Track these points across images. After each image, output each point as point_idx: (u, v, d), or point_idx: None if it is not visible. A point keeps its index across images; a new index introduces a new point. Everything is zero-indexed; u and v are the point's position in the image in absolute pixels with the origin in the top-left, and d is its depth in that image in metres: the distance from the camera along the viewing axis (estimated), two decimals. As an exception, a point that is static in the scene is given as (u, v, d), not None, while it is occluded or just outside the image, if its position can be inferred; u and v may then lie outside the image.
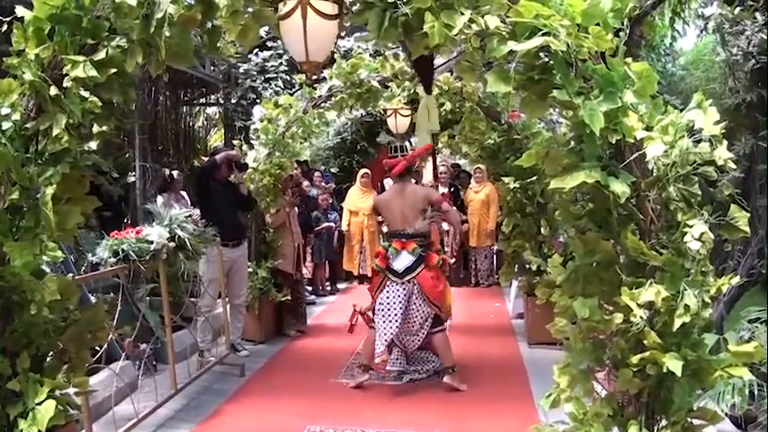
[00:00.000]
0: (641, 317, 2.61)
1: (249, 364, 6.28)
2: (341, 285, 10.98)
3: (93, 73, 2.92)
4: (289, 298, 7.39)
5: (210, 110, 13.88)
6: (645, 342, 2.69)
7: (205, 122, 14.28)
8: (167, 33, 2.99)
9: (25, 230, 3.10)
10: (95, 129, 3.28)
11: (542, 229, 6.71)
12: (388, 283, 5.44)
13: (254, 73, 10.96)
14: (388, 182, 11.01)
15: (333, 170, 11.79)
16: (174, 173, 8.34)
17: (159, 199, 7.46)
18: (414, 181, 5.98)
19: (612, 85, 2.68)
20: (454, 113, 7.04)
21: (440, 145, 12.06)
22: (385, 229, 10.60)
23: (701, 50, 7.97)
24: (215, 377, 5.93)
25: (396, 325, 5.36)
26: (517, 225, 6.94)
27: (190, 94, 12.54)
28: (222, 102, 11.64)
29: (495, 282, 10.39)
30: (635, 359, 2.65)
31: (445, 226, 10.77)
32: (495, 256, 10.97)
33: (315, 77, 4.37)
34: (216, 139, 14.02)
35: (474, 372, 5.88)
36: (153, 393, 4.97)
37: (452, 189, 10.96)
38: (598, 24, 2.71)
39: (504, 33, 2.73)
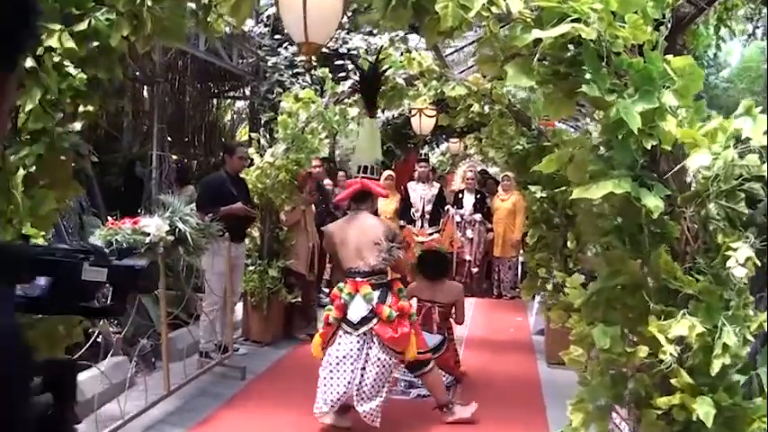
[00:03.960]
0: (671, 354, 2.26)
1: (252, 366, 5.99)
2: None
3: (71, 44, 2.65)
4: (299, 300, 7.10)
5: (240, 104, 13.70)
6: (673, 381, 2.34)
7: (234, 116, 14.13)
8: (157, 6, 2.71)
9: (-3, 214, 2.85)
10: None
11: (569, 243, 6.33)
12: (340, 333, 4.55)
13: (282, 67, 10.69)
14: (411, 185, 10.70)
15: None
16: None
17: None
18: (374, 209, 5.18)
19: (650, 82, 2.34)
20: (482, 116, 6.69)
21: (471, 150, 11.81)
22: (416, 233, 10.42)
23: (747, 62, 7.55)
24: (214, 379, 5.65)
25: (345, 385, 4.43)
26: (542, 237, 6.56)
27: (219, 86, 12.35)
28: (249, 96, 11.42)
29: (518, 294, 10.02)
30: (661, 401, 2.30)
31: (469, 233, 10.49)
32: (519, 268, 10.62)
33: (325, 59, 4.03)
34: (243, 133, 13.83)
35: (486, 390, 5.52)
36: (146, 393, 4.71)
37: (479, 196, 10.62)
38: (636, 13, 2.37)
39: (528, 19, 2.40)
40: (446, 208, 10.38)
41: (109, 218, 4.75)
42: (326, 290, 9.60)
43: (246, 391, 5.46)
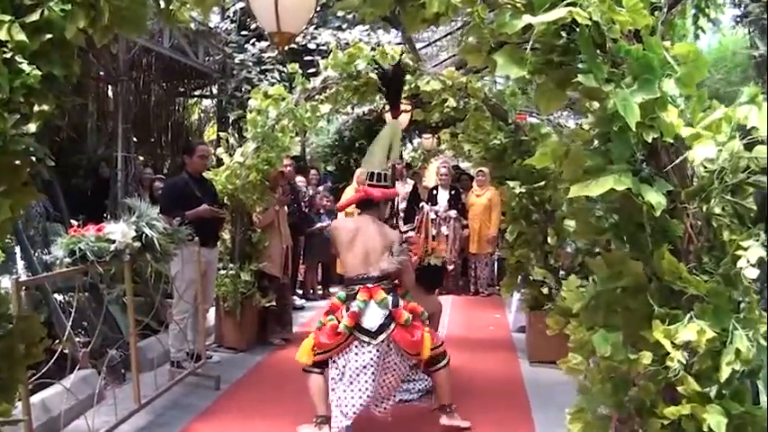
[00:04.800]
0: (679, 360, 2.10)
1: (226, 375, 5.76)
2: (335, 289, 10.48)
3: (21, 37, 2.43)
4: (274, 303, 6.88)
5: (207, 102, 13.42)
6: (680, 388, 2.19)
7: (201, 115, 13.85)
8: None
9: (-55, 225, 2.62)
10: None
11: (549, 239, 6.20)
12: (355, 343, 4.26)
13: (250, 64, 10.46)
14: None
15: (329, 168, 11.33)
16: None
17: None
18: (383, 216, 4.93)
19: (650, 70, 2.18)
20: (458, 111, 6.52)
21: (443, 146, 11.67)
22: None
23: (721, 52, 7.48)
24: (187, 390, 5.40)
25: (366, 396, 4.20)
26: (522, 233, 6.43)
27: (185, 85, 12.08)
28: (217, 94, 11.17)
29: (496, 291, 9.91)
30: (669, 411, 2.14)
31: (444, 230, 10.32)
32: (495, 264, 10.51)
33: (294, 54, 3.82)
34: (211, 132, 13.57)
35: (468, 391, 5.35)
36: (116, 407, 4.47)
37: (453, 192, 10.46)
38: (633, -4, 2.21)
39: (518, 4, 2.23)
40: (421, 205, 10.22)
41: (73, 223, 4.49)
42: (300, 291, 9.42)
43: (221, 402, 5.23)
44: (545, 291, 5.98)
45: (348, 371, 4.26)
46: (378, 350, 4.24)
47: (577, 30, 2.17)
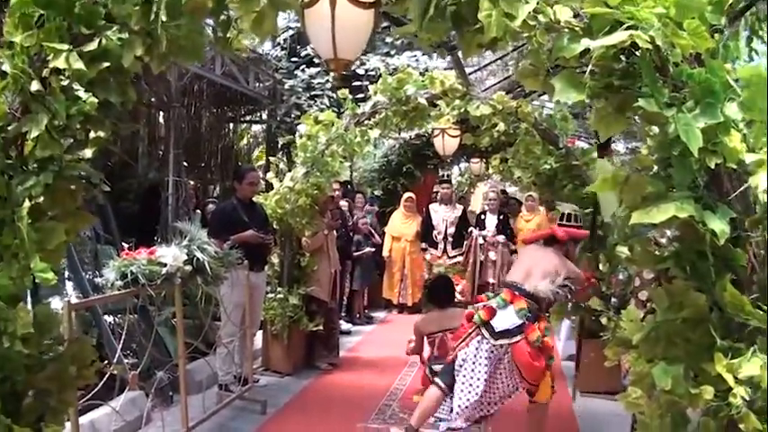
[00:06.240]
0: (742, 397, 2.01)
1: (273, 399, 5.75)
2: (380, 314, 10.46)
3: (79, 65, 2.46)
4: (321, 328, 6.87)
5: (256, 128, 13.60)
6: (741, 426, 2.10)
7: (250, 140, 14.03)
8: (172, 24, 2.53)
9: (3, 248, 2.66)
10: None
11: (600, 266, 6.08)
12: (477, 338, 4.28)
13: (300, 90, 10.56)
14: (433, 207, 10.54)
15: (377, 193, 11.33)
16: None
17: None
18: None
19: (712, 95, 2.11)
20: (508, 135, 6.48)
21: (490, 170, 11.61)
22: (428, 256, 10.18)
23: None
24: (234, 413, 5.42)
25: (476, 394, 4.21)
26: (573, 259, 6.32)
27: (236, 111, 12.25)
28: (266, 119, 11.30)
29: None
30: (732, 450, 2.05)
31: (492, 255, 10.22)
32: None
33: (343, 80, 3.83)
34: (260, 157, 13.72)
35: (519, 422, 5.23)
36: (163, 430, 4.49)
37: (501, 216, 10.38)
38: (693, 18, 2.15)
39: (577, 28, 2.19)
40: (469, 230, 10.17)
41: (124, 246, 4.56)
42: (347, 317, 9.39)
43: (268, 426, 5.22)
44: (603, 320, 5.82)
45: (467, 363, 4.27)
46: (493, 351, 4.22)
47: (637, 53, 2.12)
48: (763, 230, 2.20)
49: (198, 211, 8.47)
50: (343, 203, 9.57)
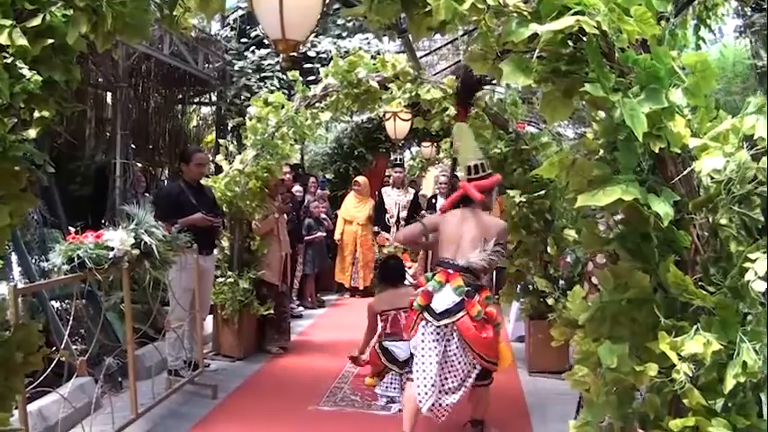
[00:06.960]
0: (685, 373, 2.08)
1: (223, 384, 5.72)
2: (331, 298, 10.47)
3: (23, 42, 2.40)
4: (272, 312, 6.83)
5: (206, 109, 13.40)
6: (685, 401, 2.17)
7: (200, 122, 13.82)
8: (117, 0, 2.47)
9: (-58, 231, 2.59)
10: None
11: (549, 248, 6.18)
12: (422, 323, 4.26)
13: (250, 71, 10.44)
14: (385, 190, 10.56)
15: (328, 176, 11.31)
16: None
17: None
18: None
19: (658, 80, 2.16)
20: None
21: (441, 154, 11.67)
22: (388, 238, 10.20)
23: (723, 62, 7.47)
24: (184, 399, 5.37)
25: (432, 374, 4.17)
26: (521, 242, 6.40)
27: (185, 92, 12.04)
28: (216, 101, 11.15)
29: (495, 301, 9.85)
30: (674, 424, 2.12)
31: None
32: (494, 273, 10.47)
33: (291, 62, 3.80)
34: (210, 139, 13.54)
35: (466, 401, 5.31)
36: (113, 416, 4.43)
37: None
38: (640, 5, 2.19)
39: (525, 13, 2.21)
40: (421, 213, 10.22)
41: (71, 230, 4.45)
42: (298, 300, 9.37)
43: (219, 411, 5.19)
44: (549, 301, 5.91)
45: (417, 351, 4.28)
46: (438, 333, 4.19)
47: (584, 39, 2.16)
48: (707, 213, 2.27)
49: (147, 194, 8.31)
50: (298, 188, 9.52)
